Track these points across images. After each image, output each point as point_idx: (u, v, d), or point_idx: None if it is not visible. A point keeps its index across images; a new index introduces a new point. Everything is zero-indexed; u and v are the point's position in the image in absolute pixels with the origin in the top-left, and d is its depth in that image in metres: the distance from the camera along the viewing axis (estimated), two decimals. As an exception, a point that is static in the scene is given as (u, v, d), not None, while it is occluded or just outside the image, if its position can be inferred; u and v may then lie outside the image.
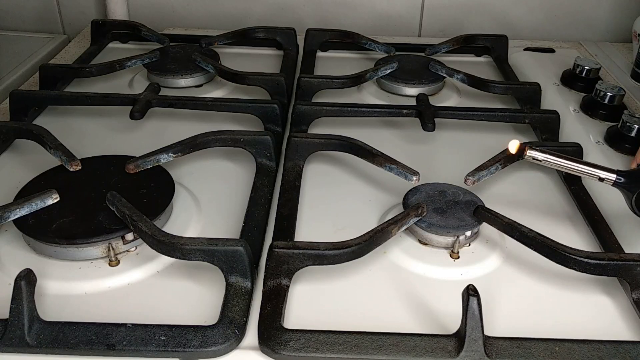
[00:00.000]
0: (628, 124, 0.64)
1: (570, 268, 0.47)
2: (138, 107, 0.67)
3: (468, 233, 0.51)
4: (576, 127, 0.69)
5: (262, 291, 0.45)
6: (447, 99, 0.78)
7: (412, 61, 0.82)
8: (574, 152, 0.61)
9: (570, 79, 0.79)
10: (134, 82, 0.79)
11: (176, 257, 0.46)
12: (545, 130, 0.68)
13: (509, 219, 0.49)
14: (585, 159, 0.61)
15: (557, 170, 0.62)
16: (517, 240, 0.49)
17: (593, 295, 0.48)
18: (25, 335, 0.41)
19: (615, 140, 0.65)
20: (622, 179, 0.50)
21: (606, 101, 0.70)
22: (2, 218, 0.48)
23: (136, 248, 0.50)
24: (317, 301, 0.46)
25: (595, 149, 0.64)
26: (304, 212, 0.56)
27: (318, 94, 0.75)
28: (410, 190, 0.55)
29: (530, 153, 0.50)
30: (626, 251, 0.51)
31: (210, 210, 0.56)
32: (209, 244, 0.45)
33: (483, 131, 0.71)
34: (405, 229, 0.50)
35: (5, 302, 0.41)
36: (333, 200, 0.58)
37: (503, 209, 0.51)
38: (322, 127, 0.69)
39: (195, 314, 0.45)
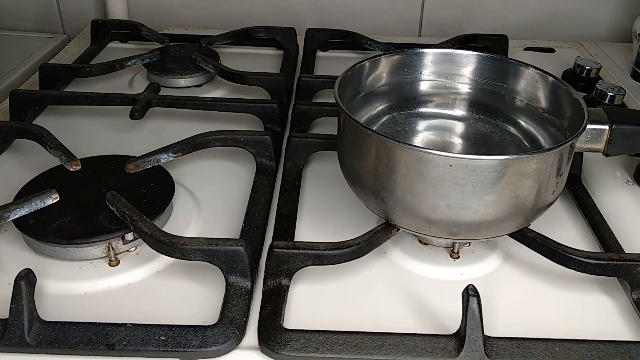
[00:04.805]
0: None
1: (570, 268, 0.47)
2: (138, 107, 0.67)
3: (468, 233, 0.51)
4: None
5: (262, 291, 0.45)
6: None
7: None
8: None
9: (571, 78, 0.78)
10: (134, 82, 0.79)
11: (176, 257, 0.46)
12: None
13: (509, 219, 0.49)
14: (585, 158, 0.61)
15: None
16: (517, 240, 0.49)
17: (593, 295, 0.48)
18: (25, 335, 0.41)
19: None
20: None
21: (606, 101, 0.70)
22: (2, 218, 0.48)
23: (136, 248, 0.50)
24: (317, 301, 0.46)
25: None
26: (304, 212, 0.56)
27: (318, 94, 0.75)
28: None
29: None
30: (626, 251, 0.51)
31: (210, 210, 0.56)
32: (209, 244, 0.45)
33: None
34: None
35: (5, 302, 0.41)
36: (333, 200, 0.58)
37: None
38: (322, 127, 0.69)
39: (195, 314, 0.45)
